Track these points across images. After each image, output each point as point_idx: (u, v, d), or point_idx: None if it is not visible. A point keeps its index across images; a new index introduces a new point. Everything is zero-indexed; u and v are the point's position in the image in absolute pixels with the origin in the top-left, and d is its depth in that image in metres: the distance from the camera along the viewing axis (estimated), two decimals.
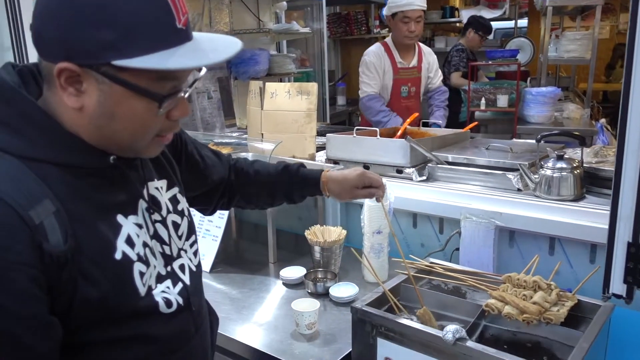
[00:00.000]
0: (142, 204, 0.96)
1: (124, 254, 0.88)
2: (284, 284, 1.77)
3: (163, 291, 0.96)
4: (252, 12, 3.71)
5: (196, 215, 2.00)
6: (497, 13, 5.66)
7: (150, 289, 0.93)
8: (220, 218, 1.94)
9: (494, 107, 3.70)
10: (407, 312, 1.30)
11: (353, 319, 1.26)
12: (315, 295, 1.67)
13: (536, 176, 1.74)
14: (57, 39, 0.78)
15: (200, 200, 1.34)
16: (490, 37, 6.47)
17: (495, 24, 6.55)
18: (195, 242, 1.12)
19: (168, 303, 0.96)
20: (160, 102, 0.84)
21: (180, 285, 1.01)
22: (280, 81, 3.57)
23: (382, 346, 1.21)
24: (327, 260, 1.78)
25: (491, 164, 1.92)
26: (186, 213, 1.10)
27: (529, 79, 4.45)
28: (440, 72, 3.39)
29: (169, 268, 1.00)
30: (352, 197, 1.43)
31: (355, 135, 2.13)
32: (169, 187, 1.07)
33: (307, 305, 1.46)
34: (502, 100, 3.60)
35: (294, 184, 1.40)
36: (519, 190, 1.80)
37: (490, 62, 3.90)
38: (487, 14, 5.50)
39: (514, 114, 3.59)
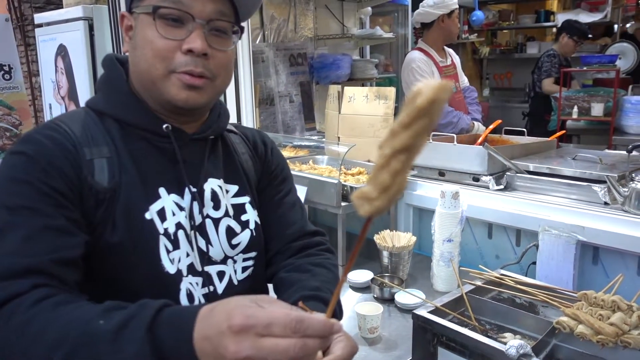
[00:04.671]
0: (191, 190, 0.98)
1: (153, 221, 0.92)
2: (350, 287, 1.78)
3: (190, 283, 0.96)
4: (337, 18, 3.75)
5: None
6: (597, 16, 5.27)
7: (180, 273, 0.94)
8: None
9: (588, 116, 3.48)
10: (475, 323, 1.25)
11: (414, 326, 1.24)
12: (380, 300, 1.65)
13: (626, 189, 1.62)
14: None
15: None
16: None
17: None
18: (253, 258, 1.07)
19: (190, 297, 0.95)
20: (153, 11, 0.90)
21: (209, 289, 0.98)
22: (362, 86, 3.58)
23: (442, 356, 1.18)
24: (395, 266, 1.76)
25: (576, 174, 1.81)
26: (251, 226, 1.06)
27: (630, 86, 4.13)
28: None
29: (205, 268, 0.99)
30: None
31: (431, 140, 2.09)
32: (238, 194, 1.07)
33: (371, 309, 1.45)
34: (597, 109, 3.38)
35: None
36: (605, 204, 1.68)
37: (585, 68, 3.67)
38: (585, 17, 5.15)
39: (610, 123, 3.36)
